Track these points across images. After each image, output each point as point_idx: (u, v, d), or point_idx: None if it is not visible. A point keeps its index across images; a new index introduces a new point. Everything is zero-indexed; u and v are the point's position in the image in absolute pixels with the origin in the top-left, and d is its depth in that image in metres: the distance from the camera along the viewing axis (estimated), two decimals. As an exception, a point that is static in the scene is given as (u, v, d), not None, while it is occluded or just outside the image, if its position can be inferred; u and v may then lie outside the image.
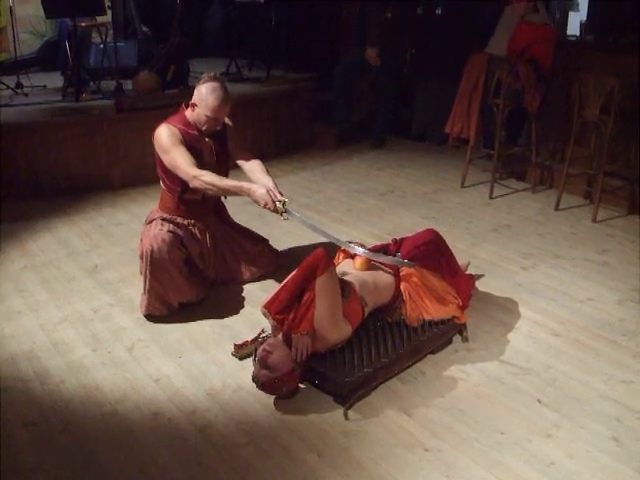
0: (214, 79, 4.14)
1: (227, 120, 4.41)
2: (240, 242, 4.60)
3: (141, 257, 4.11)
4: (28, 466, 2.94)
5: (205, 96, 4.08)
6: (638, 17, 6.56)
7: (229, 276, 4.54)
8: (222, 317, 4.16)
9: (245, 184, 4.02)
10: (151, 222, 4.27)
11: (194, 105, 4.15)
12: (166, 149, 4.06)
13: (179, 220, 4.27)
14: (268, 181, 4.14)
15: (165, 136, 4.09)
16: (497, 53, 6.43)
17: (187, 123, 4.19)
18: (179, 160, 4.02)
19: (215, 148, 4.30)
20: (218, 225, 4.52)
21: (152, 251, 4.00)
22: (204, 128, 4.18)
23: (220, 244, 4.49)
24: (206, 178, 3.98)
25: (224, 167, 4.41)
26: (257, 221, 5.42)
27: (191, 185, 4.03)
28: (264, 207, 3.94)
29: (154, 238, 4.06)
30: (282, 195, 3.97)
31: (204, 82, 4.12)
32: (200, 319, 4.13)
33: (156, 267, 4.02)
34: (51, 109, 6.76)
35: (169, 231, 4.13)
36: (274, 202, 3.90)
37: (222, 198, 4.59)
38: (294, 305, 3.35)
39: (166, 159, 4.08)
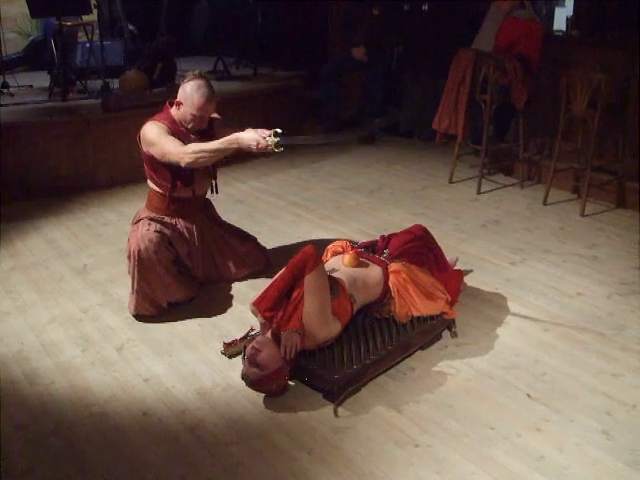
0: (199, 77, 4.13)
1: (214, 114, 4.40)
2: (228, 240, 4.58)
3: (129, 257, 4.10)
4: (19, 469, 2.92)
5: (190, 94, 4.07)
6: (623, 12, 6.59)
7: (217, 275, 4.53)
8: (211, 316, 4.15)
9: (231, 136, 3.99)
10: (138, 222, 4.25)
11: (179, 103, 4.13)
12: (154, 141, 4.03)
13: (167, 219, 4.26)
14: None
15: (151, 130, 4.07)
16: (483, 49, 6.44)
17: (173, 121, 4.16)
18: (167, 145, 4.00)
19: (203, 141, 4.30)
20: (206, 224, 4.50)
21: (139, 251, 3.99)
22: (190, 126, 4.16)
23: (208, 243, 4.48)
24: (194, 148, 3.96)
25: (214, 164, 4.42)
26: (246, 219, 5.43)
27: (183, 164, 3.96)
28: (257, 148, 3.91)
29: (141, 238, 4.05)
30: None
31: (189, 80, 4.11)
32: (189, 318, 4.13)
33: (144, 267, 4.01)
34: (38, 109, 6.75)
35: (156, 231, 4.12)
36: (264, 139, 3.89)
37: (209, 195, 4.57)
38: (283, 302, 3.37)
39: (155, 150, 4.05)
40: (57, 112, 6.63)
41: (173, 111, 4.18)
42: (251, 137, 3.91)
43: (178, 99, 4.14)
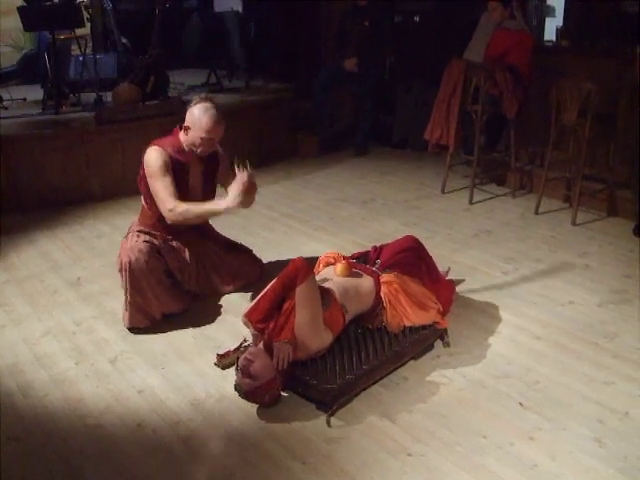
0: (206, 100, 4.13)
1: (221, 152, 4.41)
2: (222, 255, 4.57)
3: (120, 270, 4.09)
4: (12, 481, 2.93)
5: (198, 117, 4.06)
6: (613, 22, 6.64)
7: (211, 289, 4.52)
8: (205, 328, 4.16)
9: (214, 201, 4.09)
10: (127, 235, 4.27)
11: (187, 128, 4.12)
12: (153, 175, 4.07)
13: (157, 234, 4.27)
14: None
15: (154, 161, 4.07)
16: (475, 59, 6.47)
17: (179, 149, 4.16)
18: (161, 193, 4.05)
19: (205, 172, 4.32)
20: (199, 240, 4.49)
21: (130, 263, 4.00)
22: (199, 151, 4.15)
23: (201, 258, 4.46)
24: (180, 209, 4.02)
25: (211, 193, 4.42)
26: (239, 231, 5.43)
27: (168, 220, 4.08)
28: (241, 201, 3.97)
29: (131, 250, 4.06)
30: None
31: (196, 104, 4.10)
32: (183, 330, 4.13)
33: (135, 278, 4.02)
34: (31, 122, 6.76)
35: (145, 241, 4.14)
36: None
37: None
38: (274, 314, 3.38)
39: (150, 184, 4.10)
40: (51, 125, 6.64)
41: (182, 136, 4.17)
42: (232, 198, 3.97)
43: (186, 124, 4.12)
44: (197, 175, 4.29)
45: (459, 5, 8.03)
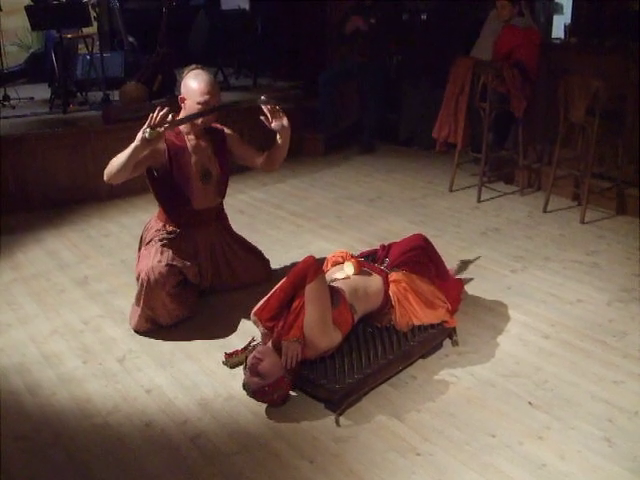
0: (195, 68, 4.17)
1: (227, 130, 4.39)
2: (235, 250, 4.56)
3: (137, 279, 4.05)
4: (20, 480, 2.93)
5: (190, 83, 4.08)
6: (621, 19, 6.61)
7: (221, 285, 4.52)
8: (213, 327, 4.15)
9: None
10: (149, 243, 4.22)
11: (183, 99, 4.12)
12: None
13: (179, 232, 4.24)
14: None
15: None
16: (482, 57, 6.46)
17: (176, 132, 4.15)
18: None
19: (217, 157, 4.30)
20: (218, 234, 4.48)
21: (149, 282, 3.94)
22: (200, 121, 4.12)
23: (217, 254, 4.46)
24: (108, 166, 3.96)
25: (225, 176, 4.40)
26: (247, 230, 5.40)
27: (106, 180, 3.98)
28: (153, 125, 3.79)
29: (152, 270, 3.97)
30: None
31: (186, 74, 4.16)
32: (191, 329, 4.12)
33: (150, 297, 3.96)
34: (39, 121, 6.77)
35: (167, 264, 4.04)
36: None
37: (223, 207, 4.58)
38: (284, 312, 3.37)
39: None
40: (58, 124, 6.65)
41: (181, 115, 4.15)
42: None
43: (181, 95, 4.14)
44: (205, 158, 4.26)
45: (466, 3, 8.02)
